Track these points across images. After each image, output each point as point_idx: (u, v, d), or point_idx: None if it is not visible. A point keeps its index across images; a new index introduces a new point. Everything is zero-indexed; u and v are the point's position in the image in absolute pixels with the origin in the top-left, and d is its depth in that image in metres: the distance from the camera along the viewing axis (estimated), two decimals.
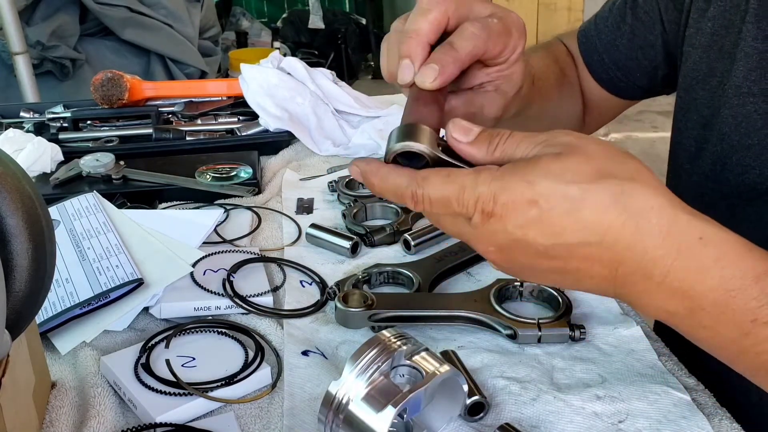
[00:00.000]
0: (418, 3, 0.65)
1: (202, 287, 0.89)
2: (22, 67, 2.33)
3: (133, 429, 0.70)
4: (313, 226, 1.04)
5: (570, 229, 0.50)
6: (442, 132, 0.60)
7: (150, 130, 1.39)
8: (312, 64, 1.53)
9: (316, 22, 4.86)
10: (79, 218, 1.01)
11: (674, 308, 0.52)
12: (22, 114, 1.45)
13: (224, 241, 1.04)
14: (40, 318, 0.81)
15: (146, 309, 0.88)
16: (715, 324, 0.52)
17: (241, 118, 1.45)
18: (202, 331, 0.83)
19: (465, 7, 0.66)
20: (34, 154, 1.19)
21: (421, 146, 0.57)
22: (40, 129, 1.42)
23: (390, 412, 0.61)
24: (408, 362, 0.65)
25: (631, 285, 0.52)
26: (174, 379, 0.75)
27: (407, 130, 0.58)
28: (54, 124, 1.41)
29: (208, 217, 1.06)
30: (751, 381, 0.57)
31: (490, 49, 0.66)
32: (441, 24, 0.64)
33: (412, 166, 0.57)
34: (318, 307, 0.90)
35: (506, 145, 0.54)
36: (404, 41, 0.64)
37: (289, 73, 1.45)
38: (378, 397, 0.62)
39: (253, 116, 1.42)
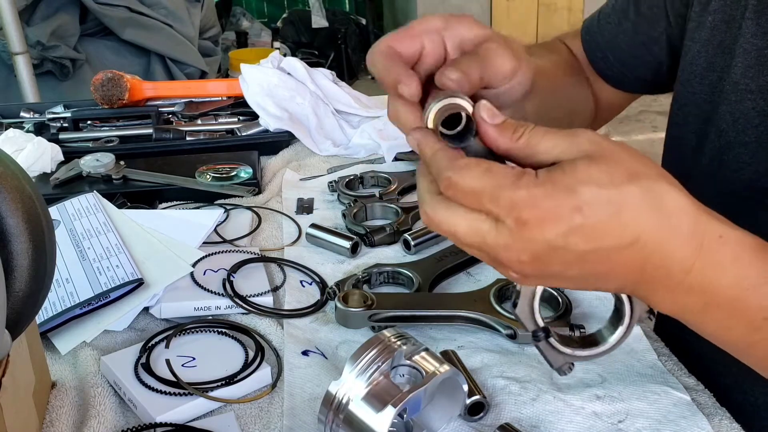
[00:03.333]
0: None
1: (202, 287, 0.89)
2: (23, 67, 2.32)
3: (133, 429, 0.70)
4: (313, 226, 1.04)
5: (611, 233, 0.50)
6: None
7: (150, 130, 1.39)
8: (312, 64, 1.53)
9: (319, 21, 4.84)
10: (80, 218, 1.01)
11: (690, 304, 0.53)
12: (22, 114, 1.46)
13: (224, 241, 1.04)
14: (40, 318, 0.81)
15: (146, 309, 0.88)
16: (727, 319, 0.53)
17: (241, 118, 1.45)
18: (202, 331, 0.83)
19: (453, 35, 0.65)
20: (35, 154, 1.19)
21: (462, 101, 0.57)
22: (40, 129, 1.42)
23: (390, 412, 0.61)
24: (408, 362, 0.65)
25: (652, 282, 0.53)
26: (174, 379, 0.75)
27: (451, 93, 0.59)
28: (54, 124, 1.41)
29: (208, 217, 1.06)
30: (758, 372, 0.57)
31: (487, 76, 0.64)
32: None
33: (456, 145, 0.57)
34: (318, 307, 0.90)
35: (531, 135, 0.53)
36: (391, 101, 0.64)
37: (289, 73, 1.45)
38: (378, 397, 0.62)
39: (253, 116, 1.42)
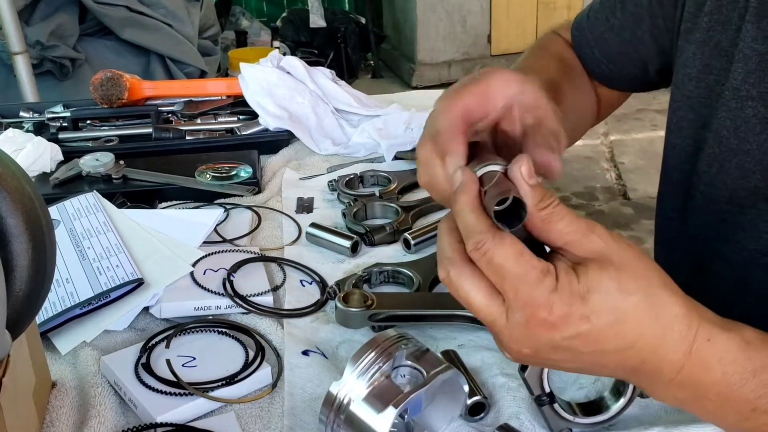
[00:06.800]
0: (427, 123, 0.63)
1: (202, 287, 0.89)
2: (22, 67, 2.32)
3: (134, 429, 0.70)
4: (313, 225, 1.04)
5: (611, 339, 0.54)
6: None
7: (150, 130, 1.38)
8: (312, 63, 1.52)
9: (316, 21, 4.84)
10: (79, 218, 1.01)
11: (682, 397, 0.57)
12: (21, 114, 1.45)
13: (224, 240, 1.04)
14: (40, 318, 0.81)
15: (146, 309, 0.88)
16: (718, 410, 0.58)
17: (240, 117, 1.45)
18: (202, 331, 0.83)
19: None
20: (34, 154, 1.19)
21: (498, 167, 0.56)
22: (39, 129, 1.42)
23: (391, 413, 0.61)
24: (409, 363, 0.65)
25: (645, 377, 0.57)
26: (174, 379, 0.75)
27: (491, 161, 0.58)
28: (54, 124, 1.41)
29: (208, 216, 1.06)
30: None
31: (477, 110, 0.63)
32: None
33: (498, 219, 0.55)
34: (318, 306, 0.90)
35: (553, 212, 0.55)
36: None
37: (288, 72, 1.45)
38: (379, 398, 0.62)
39: (253, 115, 1.42)
